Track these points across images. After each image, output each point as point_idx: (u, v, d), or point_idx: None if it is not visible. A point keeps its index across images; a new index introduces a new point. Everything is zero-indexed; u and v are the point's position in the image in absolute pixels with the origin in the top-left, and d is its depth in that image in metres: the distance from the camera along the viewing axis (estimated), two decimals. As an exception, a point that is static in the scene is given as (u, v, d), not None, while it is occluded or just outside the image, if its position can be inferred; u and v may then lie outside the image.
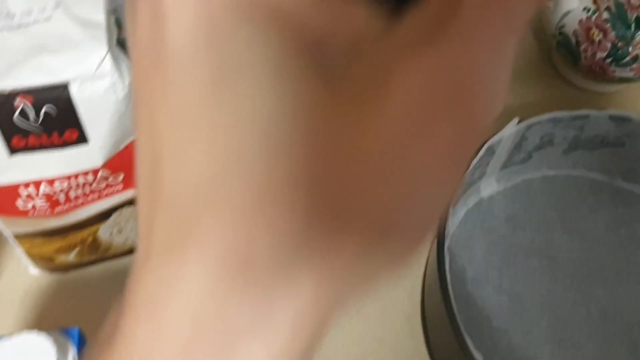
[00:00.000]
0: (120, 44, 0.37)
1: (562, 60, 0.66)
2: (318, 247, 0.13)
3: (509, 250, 0.54)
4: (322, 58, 0.14)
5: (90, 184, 0.41)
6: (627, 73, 0.60)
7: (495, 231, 0.55)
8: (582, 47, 0.60)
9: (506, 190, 0.58)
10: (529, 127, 0.52)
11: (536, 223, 0.56)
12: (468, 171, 0.50)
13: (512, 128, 0.51)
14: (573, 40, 0.60)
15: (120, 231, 0.48)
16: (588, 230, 0.56)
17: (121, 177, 0.42)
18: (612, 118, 0.53)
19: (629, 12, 0.57)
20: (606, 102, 0.66)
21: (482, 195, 0.57)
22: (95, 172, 0.40)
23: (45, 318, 0.50)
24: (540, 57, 0.69)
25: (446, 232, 0.47)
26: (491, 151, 0.51)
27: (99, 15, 0.37)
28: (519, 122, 0.51)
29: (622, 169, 0.58)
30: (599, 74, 0.61)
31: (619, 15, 0.57)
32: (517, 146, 0.54)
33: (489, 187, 0.57)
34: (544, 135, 0.55)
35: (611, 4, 0.57)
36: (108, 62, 0.36)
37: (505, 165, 0.56)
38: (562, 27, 0.60)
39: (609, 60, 0.59)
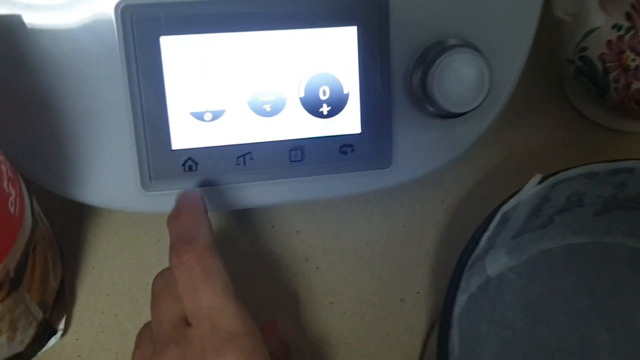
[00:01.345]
0: None
1: (578, 92, 0.52)
2: None
3: (530, 354, 0.39)
4: None
5: None
6: (671, 108, 0.46)
7: (509, 326, 0.40)
8: (612, 75, 0.46)
9: (520, 266, 0.43)
10: (554, 186, 0.38)
11: (564, 312, 0.41)
12: (472, 248, 0.35)
13: (532, 189, 0.37)
14: (599, 66, 0.46)
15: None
16: (634, 319, 0.41)
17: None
18: (666, 171, 0.39)
19: (675, 28, 0.43)
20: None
21: (488, 274, 0.42)
22: None
23: None
24: (546, 88, 0.55)
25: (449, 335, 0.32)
26: (505, 219, 0.37)
27: None
28: (542, 180, 0.37)
29: (671, 235, 0.43)
30: (634, 110, 0.47)
31: (662, 34, 0.43)
32: (536, 210, 0.40)
33: (497, 262, 0.43)
34: (572, 195, 0.40)
35: (651, 18, 0.43)
36: None
37: (518, 234, 0.42)
38: (584, 49, 0.47)
39: (648, 91, 0.45)
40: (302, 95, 0.38)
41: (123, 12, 0.34)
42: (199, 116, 0.36)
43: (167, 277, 0.31)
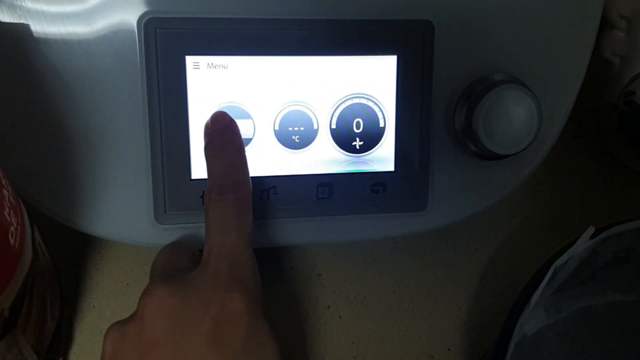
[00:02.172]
0: None
1: (619, 139, 0.49)
2: None
3: None
4: None
5: None
6: None
7: (549, 393, 0.37)
8: (661, 123, 0.43)
9: (558, 324, 0.40)
10: (604, 240, 0.35)
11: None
12: (521, 307, 0.32)
13: (585, 242, 0.33)
14: (647, 113, 0.43)
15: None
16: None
17: None
18: None
19: None
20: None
21: (525, 332, 0.39)
22: None
23: None
24: (582, 132, 0.52)
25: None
26: (553, 275, 0.34)
27: None
28: (595, 233, 0.34)
29: None
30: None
31: None
32: (582, 265, 0.37)
33: (534, 318, 0.39)
34: (620, 251, 0.37)
35: None
36: None
37: (558, 289, 0.38)
38: (631, 94, 0.44)
39: (699, 142, 0.42)
40: (334, 127, 0.35)
41: (147, 26, 0.31)
42: (223, 144, 0.33)
43: (179, 249, 0.32)
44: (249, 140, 0.33)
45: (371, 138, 0.35)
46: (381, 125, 0.35)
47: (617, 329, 0.40)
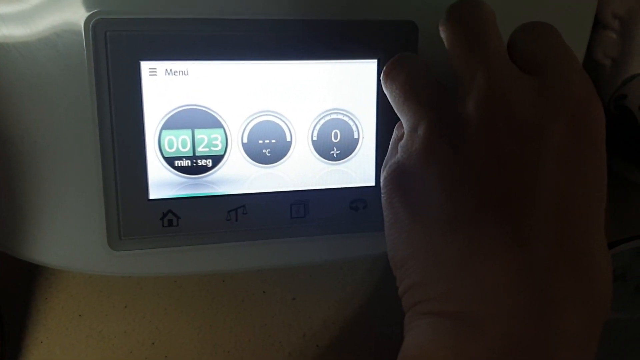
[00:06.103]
0: None
1: (613, 146, 0.47)
2: None
3: None
4: None
5: None
6: None
7: None
8: (655, 128, 0.41)
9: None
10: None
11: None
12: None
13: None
14: (639, 117, 0.41)
15: None
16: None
17: None
18: None
19: None
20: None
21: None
22: None
23: None
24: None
25: None
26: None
27: None
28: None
29: None
30: (676, 169, 0.42)
31: None
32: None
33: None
34: (618, 269, 0.35)
35: (703, 67, 0.38)
36: None
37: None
38: (622, 98, 0.42)
39: (695, 149, 0.40)
40: (309, 138, 0.32)
41: (95, 29, 0.28)
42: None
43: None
44: (220, 157, 0.30)
45: (348, 149, 0.33)
46: (358, 136, 0.33)
47: (609, 346, 0.38)
